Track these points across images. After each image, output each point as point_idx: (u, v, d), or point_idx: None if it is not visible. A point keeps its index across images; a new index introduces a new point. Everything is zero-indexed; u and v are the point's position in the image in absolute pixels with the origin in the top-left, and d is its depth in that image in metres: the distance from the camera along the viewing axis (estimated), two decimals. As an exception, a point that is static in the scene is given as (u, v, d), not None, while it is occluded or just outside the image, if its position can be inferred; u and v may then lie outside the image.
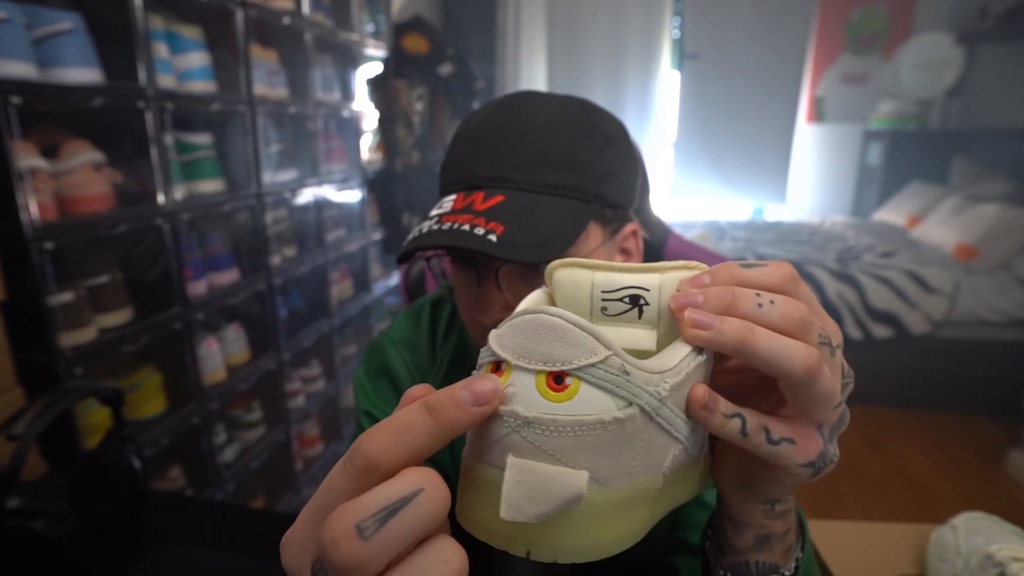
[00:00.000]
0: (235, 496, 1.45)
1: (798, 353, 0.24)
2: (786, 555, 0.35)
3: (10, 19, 0.89)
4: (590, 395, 0.21)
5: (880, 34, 3.54)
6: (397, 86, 2.20)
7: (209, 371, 1.33)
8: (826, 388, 0.25)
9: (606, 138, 0.49)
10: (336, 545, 0.17)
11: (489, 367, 0.23)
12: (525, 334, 0.22)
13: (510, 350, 0.22)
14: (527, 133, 0.46)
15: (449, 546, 0.20)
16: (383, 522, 0.18)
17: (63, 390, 0.67)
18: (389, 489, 0.19)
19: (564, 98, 0.50)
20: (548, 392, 0.21)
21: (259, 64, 1.43)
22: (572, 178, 0.46)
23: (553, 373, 0.21)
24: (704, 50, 3.48)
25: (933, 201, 3.06)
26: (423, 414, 0.20)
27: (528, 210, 0.44)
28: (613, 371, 0.22)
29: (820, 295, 2.49)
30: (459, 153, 0.49)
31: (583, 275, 0.27)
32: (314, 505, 0.21)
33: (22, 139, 0.91)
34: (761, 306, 0.24)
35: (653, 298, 0.26)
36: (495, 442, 0.22)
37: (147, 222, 1.13)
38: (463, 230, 0.42)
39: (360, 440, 0.20)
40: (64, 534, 0.63)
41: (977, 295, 2.37)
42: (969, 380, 2.44)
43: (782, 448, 0.26)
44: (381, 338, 0.63)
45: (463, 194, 0.46)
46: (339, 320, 1.86)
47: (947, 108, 3.34)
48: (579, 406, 0.21)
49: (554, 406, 0.21)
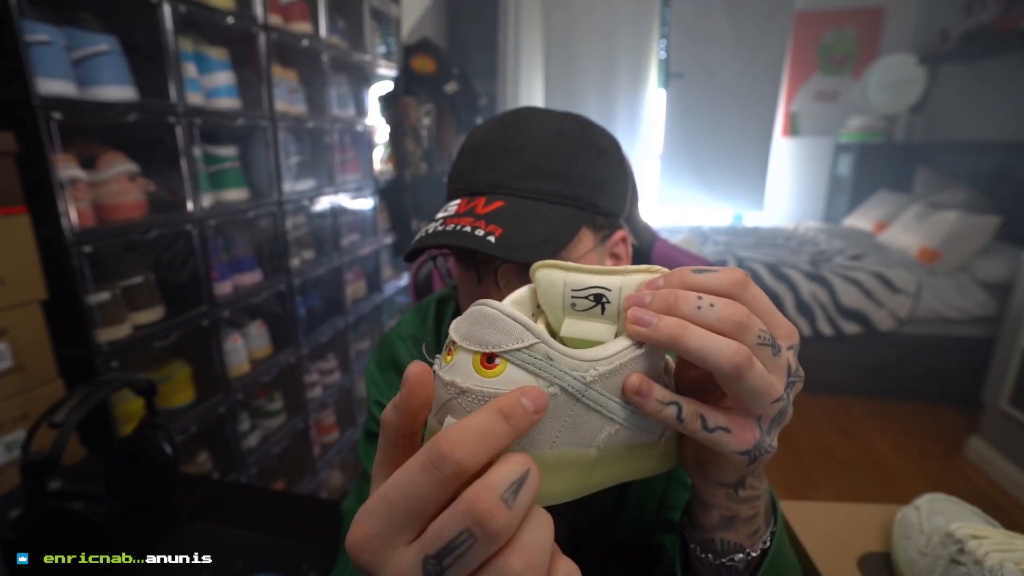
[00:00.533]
0: (258, 479, 1.44)
1: (726, 351, 0.24)
2: (752, 538, 0.35)
3: (52, 42, 0.89)
4: (514, 374, 0.23)
5: (850, 55, 3.54)
6: (406, 103, 2.20)
7: (234, 364, 1.33)
8: (757, 384, 0.25)
9: (598, 151, 0.49)
10: (492, 515, 0.19)
11: (447, 346, 0.25)
12: (470, 321, 0.24)
13: (459, 334, 0.25)
14: (526, 146, 0.46)
15: (542, 512, 0.22)
16: (516, 493, 0.20)
17: (100, 382, 0.67)
18: (510, 468, 0.20)
19: (561, 114, 0.50)
20: (481, 369, 0.23)
21: (280, 83, 1.43)
22: (566, 187, 0.46)
23: (485, 354, 0.23)
24: (688, 70, 3.48)
25: (898, 208, 3.06)
26: (501, 421, 0.21)
27: (525, 215, 0.44)
28: (537, 356, 0.24)
29: (794, 294, 2.49)
30: (463, 163, 0.49)
31: (557, 275, 0.29)
32: (389, 507, 0.21)
33: (63, 151, 0.91)
34: (700, 308, 0.25)
35: (614, 297, 0.28)
36: (440, 404, 0.24)
37: (177, 228, 1.13)
38: (465, 231, 0.42)
39: (443, 447, 0.20)
40: (101, 514, 0.63)
41: (939, 295, 2.37)
42: (931, 373, 2.44)
43: (716, 435, 0.27)
44: (390, 334, 0.63)
45: (466, 199, 0.46)
46: (353, 317, 1.86)
47: (911, 123, 3.34)
48: (505, 382, 0.23)
49: (484, 380, 0.23)
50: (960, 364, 2.38)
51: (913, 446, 2.13)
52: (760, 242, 3.17)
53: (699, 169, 3.65)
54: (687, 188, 3.70)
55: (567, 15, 3.34)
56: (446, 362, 0.25)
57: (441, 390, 0.24)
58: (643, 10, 3.30)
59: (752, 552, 0.35)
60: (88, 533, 0.62)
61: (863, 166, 3.43)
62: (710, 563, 0.35)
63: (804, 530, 0.57)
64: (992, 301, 2.32)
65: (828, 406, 2.46)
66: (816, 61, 3.59)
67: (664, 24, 3.42)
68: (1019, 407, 1.82)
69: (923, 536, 0.51)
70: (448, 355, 0.25)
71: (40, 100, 0.85)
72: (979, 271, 2.39)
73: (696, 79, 3.48)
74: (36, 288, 0.90)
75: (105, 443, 1.00)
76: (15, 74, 0.83)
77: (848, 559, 0.54)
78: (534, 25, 3.22)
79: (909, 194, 3.19)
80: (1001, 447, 1.91)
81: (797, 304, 2.48)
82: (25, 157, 0.87)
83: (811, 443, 2.17)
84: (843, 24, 3.49)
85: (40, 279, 0.90)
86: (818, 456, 2.08)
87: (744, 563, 0.35)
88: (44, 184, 0.88)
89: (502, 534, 0.19)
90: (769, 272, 2.56)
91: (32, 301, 0.90)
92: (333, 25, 1.71)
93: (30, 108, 0.85)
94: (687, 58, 3.45)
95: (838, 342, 2.47)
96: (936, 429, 2.25)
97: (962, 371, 2.36)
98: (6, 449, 0.87)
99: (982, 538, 0.46)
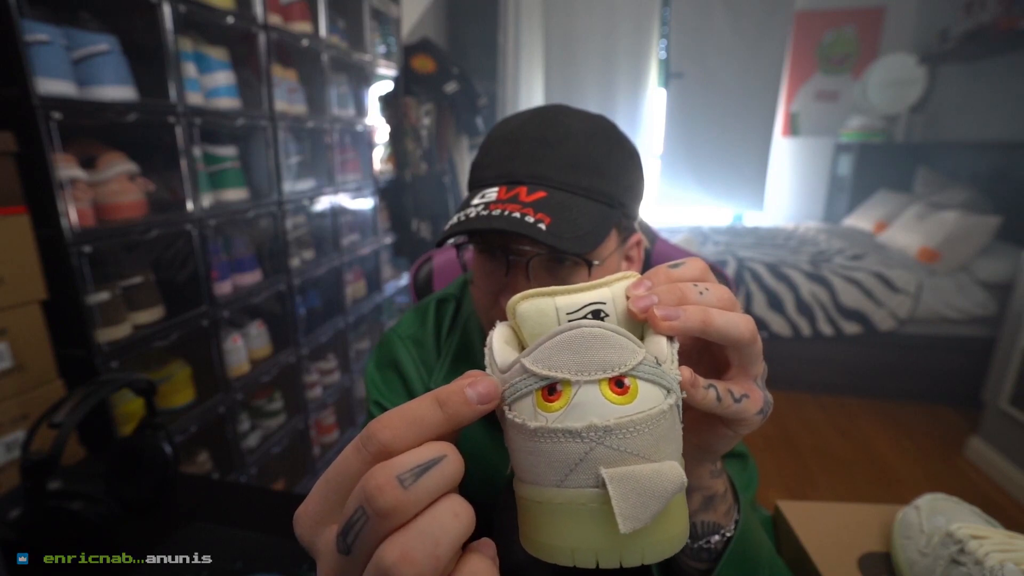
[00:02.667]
0: (258, 479, 1.44)
1: (743, 324, 0.27)
2: (727, 515, 0.37)
3: (52, 42, 0.89)
4: (646, 391, 0.21)
5: (850, 55, 3.53)
6: (406, 103, 2.20)
7: (234, 364, 1.33)
8: (759, 346, 0.29)
9: (630, 153, 0.49)
10: (382, 491, 0.18)
11: (540, 393, 0.22)
12: (575, 349, 0.21)
13: (565, 368, 0.21)
14: (565, 138, 0.46)
15: (459, 502, 0.20)
16: (418, 476, 0.19)
17: (100, 382, 0.67)
18: (420, 452, 0.20)
19: (591, 113, 0.50)
20: (614, 396, 0.21)
21: (280, 83, 1.43)
22: (603, 184, 0.46)
23: (614, 378, 0.21)
24: (688, 69, 3.48)
25: (898, 208, 3.06)
26: (434, 407, 0.21)
27: (567, 207, 0.44)
28: (652, 364, 0.22)
29: (794, 294, 2.49)
30: (499, 151, 0.48)
31: (546, 303, 0.26)
32: (326, 484, 0.21)
33: (62, 151, 0.91)
34: (702, 293, 0.27)
35: (611, 308, 0.26)
36: (576, 463, 0.20)
37: (177, 228, 1.13)
38: (515, 217, 0.41)
39: (373, 427, 0.20)
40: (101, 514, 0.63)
41: (939, 294, 2.37)
42: (931, 373, 2.44)
43: (743, 404, 0.28)
44: (390, 334, 0.63)
45: (505, 187, 0.45)
46: (353, 317, 1.86)
47: (911, 123, 3.34)
48: (643, 402, 0.21)
49: (623, 408, 0.20)
50: (960, 364, 2.38)
51: (913, 446, 2.13)
52: (760, 242, 3.16)
53: (699, 169, 3.65)
54: (687, 188, 3.70)
55: (567, 15, 3.34)
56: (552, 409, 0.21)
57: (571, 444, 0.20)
58: (643, 10, 3.30)
59: (727, 531, 0.37)
60: (88, 533, 0.62)
61: (863, 166, 3.43)
62: (689, 547, 0.37)
63: (804, 530, 0.57)
64: (992, 301, 2.32)
65: (828, 406, 2.46)
66: (816, 61, 3.59)
67: (664, 24, 3.42)
68: (1019, 407, 1.82)
69: (923, 536, 0.51)
70: (552, 399, 0.21)
71: (40, 100, 0.85)
72: (979, 271, 2.39)
73: (696, 79, 3.48)
74: (36, 288, 0.90)
75: (105, 443, 1.00)
76: (15, 74, 0.83)
77: (848, 559, 0.54)
78: (534, 25, 3.22)
79: (909, 194, 3.19)
80: (1001, 447, 1.91)
81: (797, 304, 2.48)
82: (25, 157, 0.87)
83: (811, 443, 2.17)
84: (843, 24, 3.49)
85: (40, 279, 0.90)
86: (818, 456, 2.08)
87: (721, 543, 0.37)
88: (44, 184, 0.88)
89: (390, 513, 0.18)
90: (769, 272, 2.56)
91: (32, 301, 0.90)
92: (333, 25, 1.71)
93: (30, 108, 0.85)
94: (687, 58, 3.45)
95: (838, 342, 2.47)
96: (936, 429, 2.25)
97: (962, 371, 2.36)
98: (6, 449, 0.87)
99: (982, 538, 0.46)
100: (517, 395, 0.22)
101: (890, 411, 2.40)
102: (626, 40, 3.36)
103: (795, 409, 2.43)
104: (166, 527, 0.68)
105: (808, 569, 0.53)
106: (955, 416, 2.34)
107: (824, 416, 2.38)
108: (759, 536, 0.40)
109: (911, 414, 2.37)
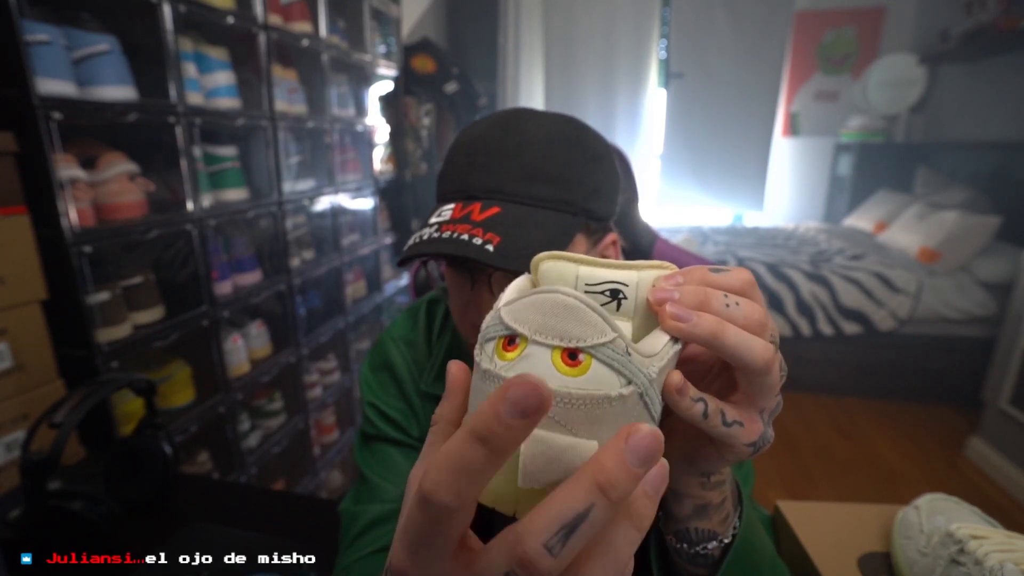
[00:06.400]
0: (258, 479, 1.44)
1: (758, 348, 0.25)
2: (724, 523, 0.36)
3: (52, 42, 0.89)
4: (600, 372, 0.21)
5: (850, 55, 3.53)
6: (406, 103, 2.20)
7: (234, 364, 1.33)
8: (775, 380, 0.27)
9: (593, 155, 0.48)
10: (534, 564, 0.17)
11: (501, 340, 0.22)
12: (543, 311, 0.22)
13: (527, 325, 0.22)
14: (523, 149, 0.46)
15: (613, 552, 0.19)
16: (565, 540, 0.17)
17: (100, 382, 0.67)
18: (563, 506, 0.17)
19: (555, 116, 0.49)
20: (563, 367, 0.21)
21: (280, 83, 1.43)
22: (563, 192, 0.46)
23: (568, 349, 0.21)
24: (688, 70, 3.48)
25: (898, 208, 3.06)
26: (476, 446, 0.17)
27: (521, 222, 0.43)
28: (619, 351, 0.22)
29: (794, 294, 2.49)
30: (457, 163, 0.48)
31: (568, 268, 0.26)
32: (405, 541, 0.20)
33: (63, 151, 0.90)
34: (728, 306, 0.25)
35: (631, 292, 0.26)
36: None
37: (177, 228, 1.12)
38: (462, 239, 0.41)
39: (425, 486, 0.18)
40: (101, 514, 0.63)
41: (939, 295, 2.37)
42: (931, 373, 2.44)
43: (733, 430, 0.27)
44: (383, 336, 0.63)
45: (461, 204, 0.45)
46: (353, 317, 1.86)
47: (911, 123, 3.34)
48: (590, 381, 0.21)
49: (568, 380, 0.21)
50: (960, 364, 2.38)
51: (913, 446, 2.13)
52: (760, 242, 3.16)
53: (699, 169, 3.65)
54: (687, 188, 3.70)
55: (567, 15, 3.34)
56: (505, 359, 0.22)
57: None
58: (643, 10, 3.30)
59: (725, 538, 0.36)
60: (88, 533, 0.62)
61: (863, 166, 3.43)
62: (686, 552, 0.36)
63: (804, 530, 0.57)
64: (992, 301, 2.32)
65: (828, 406, 2.46)
66: (816, 61, 3.59)
67: (664, 24, 3.42)
68: (1019, 407, 1.82)
69: (923, 536, 0.51)
70: (510, 349, 0.22)
71: (40, 100, 0.85)
72: (979, 271, 2.39)
73: (696, 79, 3.48)
74: (36, 288, 0.90)
75: (105, 443, 1.00)
76: (15, 74, 0.83)
77: (848, 559, 0.54)
78: (534, 25, 3.22)
79: (909, 194, 3.19)
80: (1001, 447, 1.91)
81: (797, 304, 2.48)
82: (25, 157, 0.87)
83: (811, 443, 2.17)
84: (843, 24, 3.49)
85: (40, 279, 0.90)
86: (818, 456, 2.08)
87: (719, 550, 0.36)
88: (44, 184, 0.88)
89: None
90: (769, 272, 2.56)
91: (32, 301, 0.90)
92: (333, 25, 1.71)
93: (30, 108, 0.85)
94: (687, 58, 3.45)
95: (838, 342, 2.47)
96: (936, 429, 2.25)
97: (962, 371, 2.36)
98: (6, 449, 0.87)
99: (982, 538, 0.46)
100: (486, 337, 0.23)
101: (890, 411, 2.40)
102: (626, 40, 3.36)
103: (795, 409, 2.43)
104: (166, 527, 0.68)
105: (808, 569, 0.53)
106: (955, 416, 2.34)
107: (824, 416, 2.39)
108: (761, 543, 0.40)
109: (911, 414, 2.37)
